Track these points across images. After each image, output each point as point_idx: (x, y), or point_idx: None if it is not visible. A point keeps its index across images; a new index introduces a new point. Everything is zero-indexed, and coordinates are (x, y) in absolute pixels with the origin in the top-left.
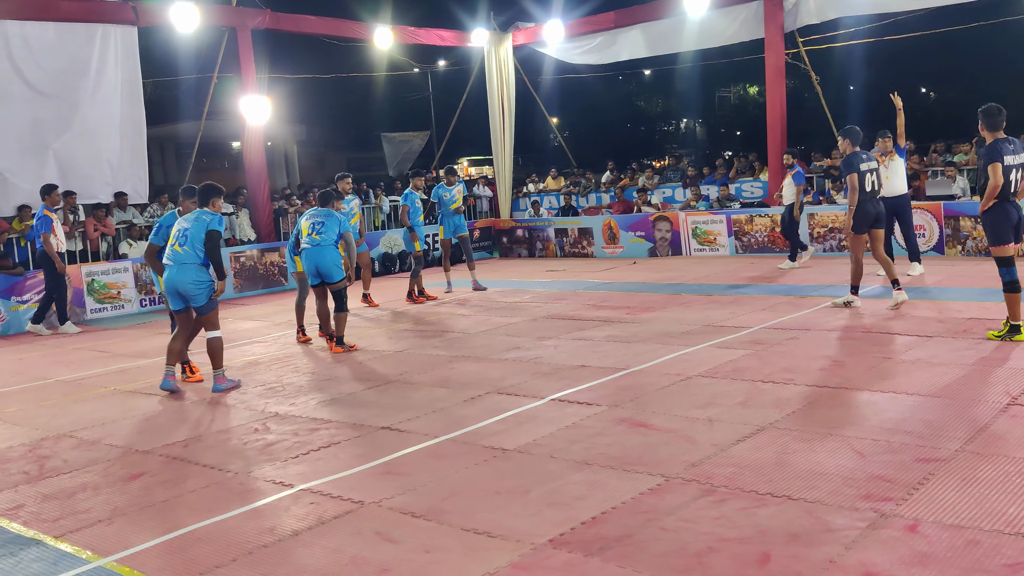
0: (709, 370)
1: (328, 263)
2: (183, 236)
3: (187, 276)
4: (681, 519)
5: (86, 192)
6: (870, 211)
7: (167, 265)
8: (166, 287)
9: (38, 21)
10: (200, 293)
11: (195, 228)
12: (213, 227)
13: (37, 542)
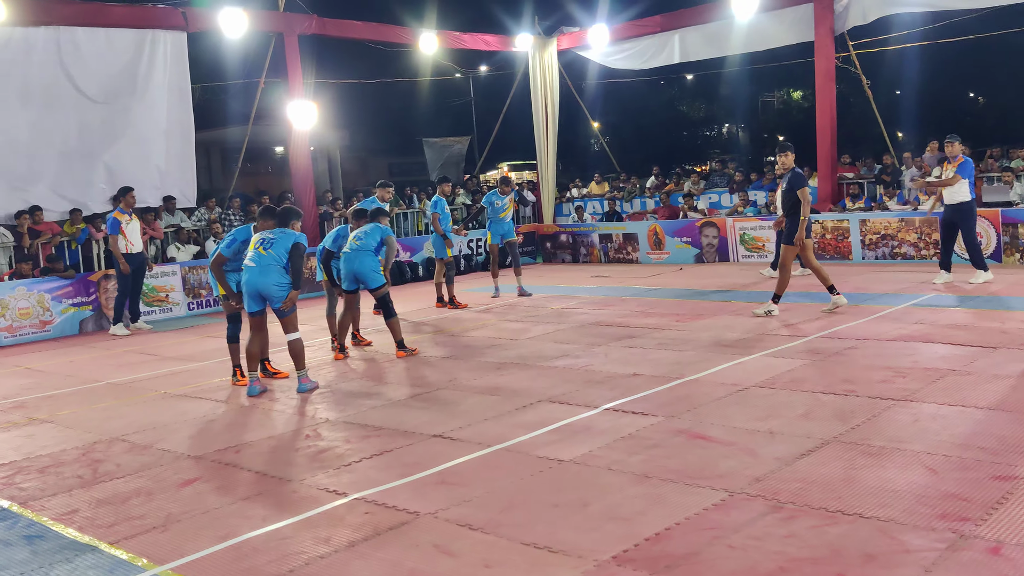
0: (766, 380)
1: (367, 268)
2: (268, 242)
3: (270, 279)
4: (749, 537)
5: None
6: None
7: (248, 267)
8: (246, 289)
9: (89, 27)
10: (282, 295)
11: (281, 238)
12: (300, 240)
13: (92, 548)
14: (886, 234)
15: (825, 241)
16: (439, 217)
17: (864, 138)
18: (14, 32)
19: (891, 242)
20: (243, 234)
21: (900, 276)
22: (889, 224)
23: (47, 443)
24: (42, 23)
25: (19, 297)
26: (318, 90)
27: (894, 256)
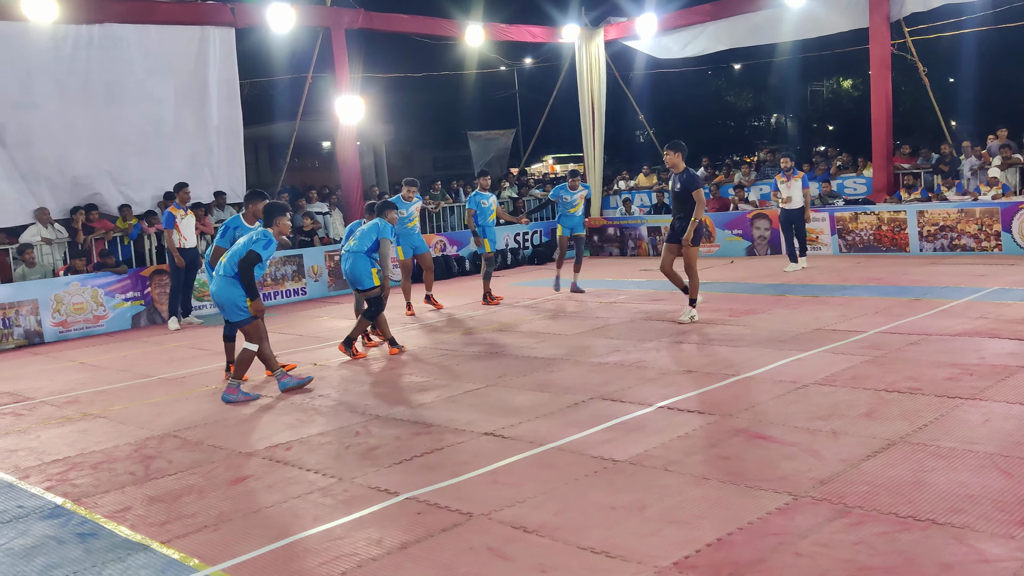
0: (826, 377)
1: (358, 271)
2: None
3: (223, 291)
4: (816, 543)
5: None
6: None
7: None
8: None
9: (140, 24)
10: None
11: (241, 248)
12: (253, 247)
13: (144, 547)
14: (945, 225)
15: (881, 233)
16: (474, 213)
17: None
18: (68, 30)
19: (950, 234)
20: (234, 222)
21: (960, 269)
22: (948, 215)
23: (100, 439)
24: (95, 21)
25: (73, 292)
26: (364, 84)
27: (953, 248)
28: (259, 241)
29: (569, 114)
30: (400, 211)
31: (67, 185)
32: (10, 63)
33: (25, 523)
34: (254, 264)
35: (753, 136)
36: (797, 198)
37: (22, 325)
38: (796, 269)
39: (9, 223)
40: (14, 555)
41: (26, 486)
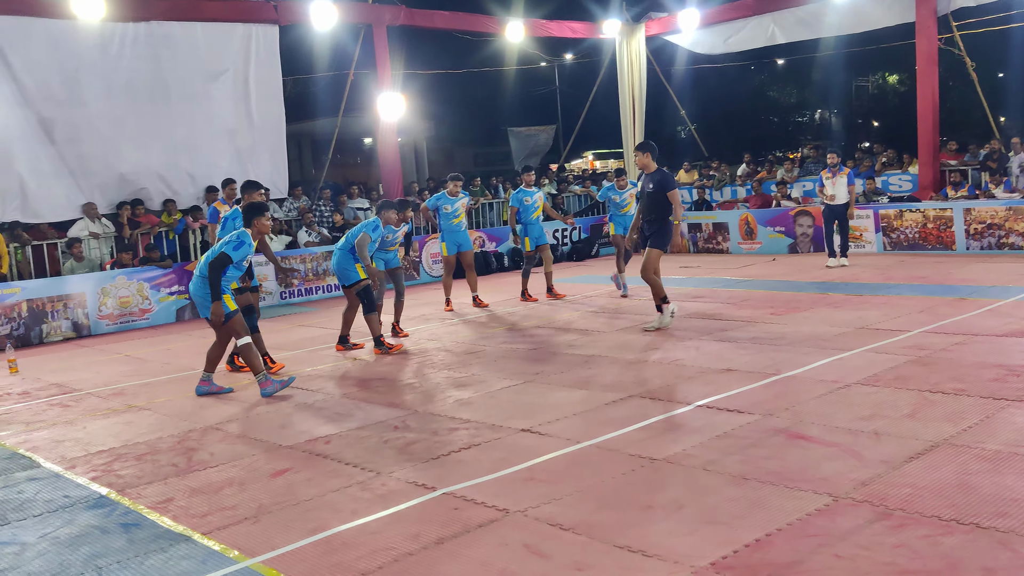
0: (869, 377)
1: (339, 267)
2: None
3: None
4: (857, 546)
5: None
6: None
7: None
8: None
9: (185, 22)
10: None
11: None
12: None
13: (186, 538)
14: (992, 223)
15: (927, 231)
16: (516, 211)
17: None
18: (115, 28)
19: (997, 232)
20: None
21: (1009, 268)
22: (996, 213)
23: (144, 430)
24: (141, 19)
25: (120, 286)
26: (405, 81)
27: (1000, 247)
28: (230, 243)
29: (609, 110)
30: (444, 206)
31: (114, 181)
32: (59, 61)
33: (71, 512)
34: (224, 266)
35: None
36: (842, 194)
37: (70, 318)
38: (836, 265)
39: (58, 218)
40: (60, 544)
41: (72, 476)
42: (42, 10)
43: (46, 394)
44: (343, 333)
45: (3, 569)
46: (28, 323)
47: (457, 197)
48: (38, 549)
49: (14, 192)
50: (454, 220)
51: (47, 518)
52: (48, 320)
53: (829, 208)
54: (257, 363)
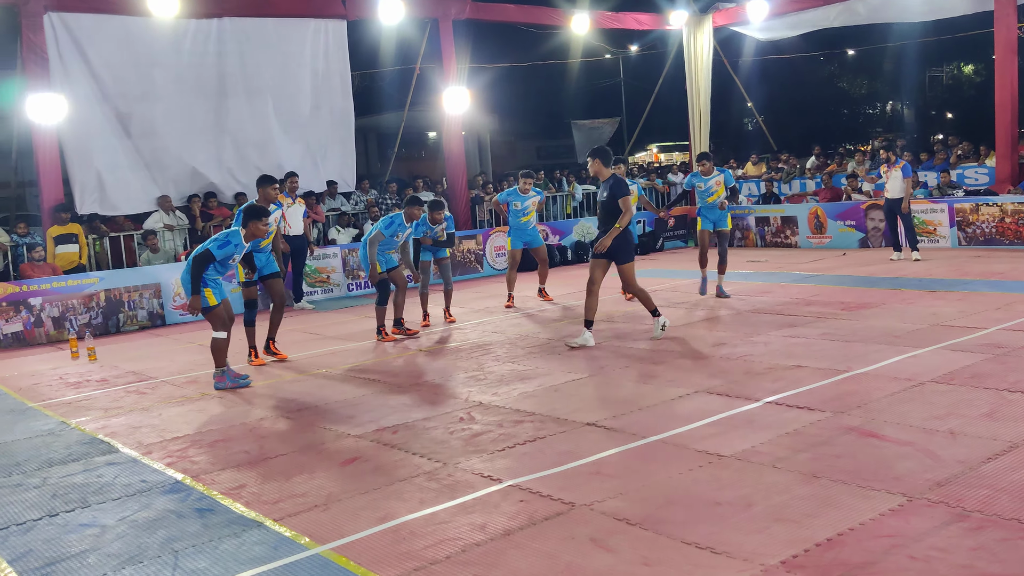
0: (944, 375)
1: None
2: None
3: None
4: (932, 547)
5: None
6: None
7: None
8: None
9: (257, 18)
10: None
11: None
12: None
13: (258, 524)
14: None
15: (1004, 225)
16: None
17: None
18: (188, 24)
19: None
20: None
21: None
22: None
23: (217, 418)
24: (213, 15)
25: None
26: (470, 75)
27: None
28: (216, 240)
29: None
30: (514, 203)
31: (187, 174)
32: (134, 57)
33: (148, 497)
34: (206, 262)
35: (867, 124)
36: (896, 188)
37: (145, 308)
38: (899, 259)
39: (134, 210)
40: (138, 527)
41: (149, 461)
42: (119, 8)
43: (123, 381)
44: (396, 316)
45: (84, 550)
46: (106, 312)
47: (528, 195)
48: (117, 532)
49: (93, 185)
50: (522, 218)
51: (125, 502)
52: (125, 309)
53: (888, 202)
54: (222, 358)
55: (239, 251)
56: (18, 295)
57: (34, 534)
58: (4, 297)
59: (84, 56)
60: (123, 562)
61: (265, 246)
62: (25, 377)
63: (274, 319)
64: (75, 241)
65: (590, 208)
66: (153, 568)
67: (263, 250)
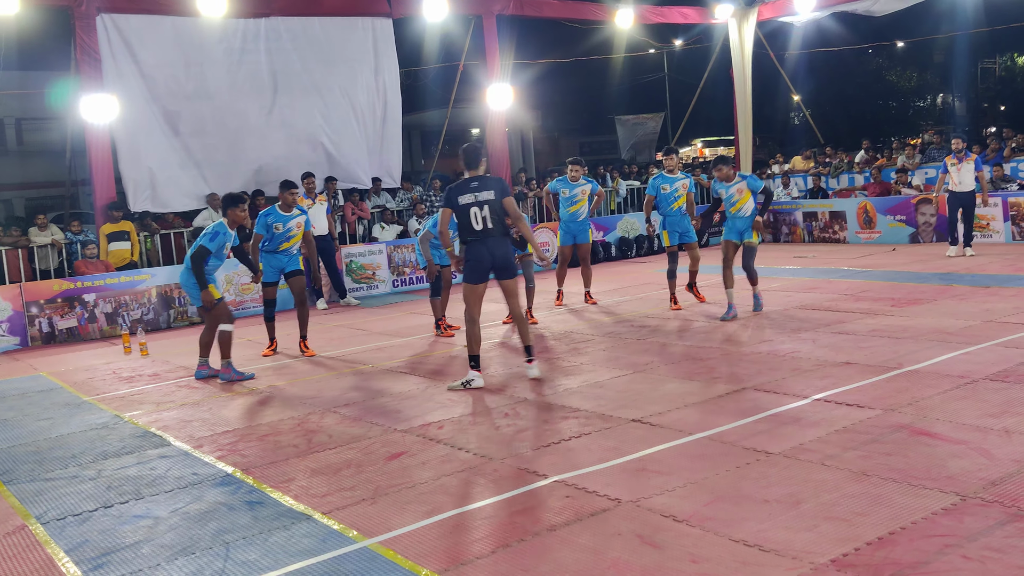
0: (998, 373)
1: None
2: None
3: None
4: (986, 548)
5: (349, 178)
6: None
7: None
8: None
9: (305, 16)
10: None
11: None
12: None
13: (307, 517)
14: None
15: None
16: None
17: None
18: (237, 24)
19: None
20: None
21: None
22: None
23: (266, 412)
24: (262, 15)
25: (242, 273)
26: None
27: None
28: (206, 235)
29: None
30: (563, 190)
31: (237, 172)
32: (184, 56)
33: (199, 489)
34: (203, 257)
35: (917, 117)
36: (968, 181)
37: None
38: (957, 255)
39: (184, 207)
40: (190, 519)
41: (200, 455)
42: (168, 8)
43: (174, 376)
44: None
45: (138, 541)
46: (157, 308)
47: (577, 183)
48: (170, 523)
49: (144, 183)
50: (571, 207)
51: (177, 494)
52: (175, 305)
53: (954, 196)
54: (229, 349)
55: (228, 239)
56: (72, 291)
57: (90, 525)
58: (59, 293)
59: (135, 56)
60: (176, 553)
61: (286, 248)
62: (80, 372)
63: (300, 316)
64: (127, 238)
65: (634, 204)
66: (205, 559)
67: (285, 252)
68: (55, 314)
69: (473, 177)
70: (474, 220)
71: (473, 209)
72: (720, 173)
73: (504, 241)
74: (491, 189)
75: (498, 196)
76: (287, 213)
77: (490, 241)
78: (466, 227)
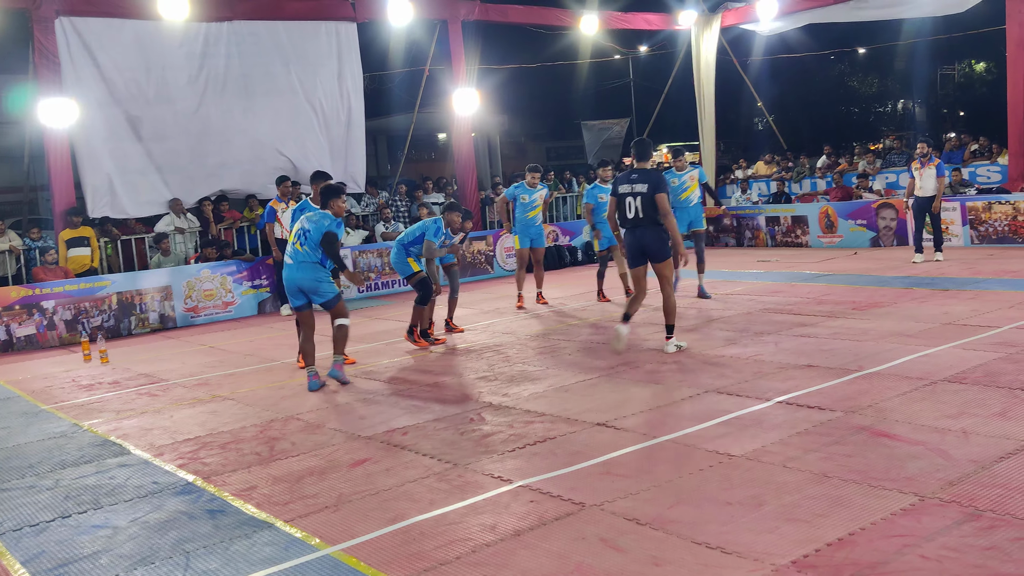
0: (956, 375)
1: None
2: (303, 235)
3: (306, 274)
4: (944, 547)
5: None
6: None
7: (287, 264)
8: (286, 285)
9: (268, 20)
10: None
11: (314, 230)
12: (331, 229)
13: (269, 525)
14: None
15: (1017, 223)
16: (591, 208)
17: None
18: (200, 27)
19: None
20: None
21: None
22: None
23: (228, 420)
24: (224, 18)
25: (204, 279)
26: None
27: None
28: (331, 222)
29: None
30: (522, 196)
31: (198, 176)
32: (145, 60)
33: (159, 498)
34: (335, 241)
35: (878, 123)
36: (929, 186)
37: (156, 310)
38: (923, 261)
39: (145, 213)
40: (149, 528)
41: (160, 463)
42: (129, 12)
43: (135, 384)
44: (423, 327)
45: (97, 551)
46: (118, 315)
47: (535, 189)
48: (129, 533)
49: (104, 189)
50: (529, 214)
51: (137, 503)
52: (136, 312)
53: (917, 200)
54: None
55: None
56: (31, 298)
57: (47, 535)
58: (17, 300)
59: (95, 60)
60: (135, 563)
61: None
62: (38, 380)
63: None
64: (87, 244)
65: None
66: (165, 569)
67: None
68: (13, 321)
69: (635, 169)
70: (628, 209)
71: (628, 199)
72: (679, 163)
73: (654, 230)
74: (646, 183)
75: (650, 191)
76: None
77: (638, 230)
78: (622, 215)
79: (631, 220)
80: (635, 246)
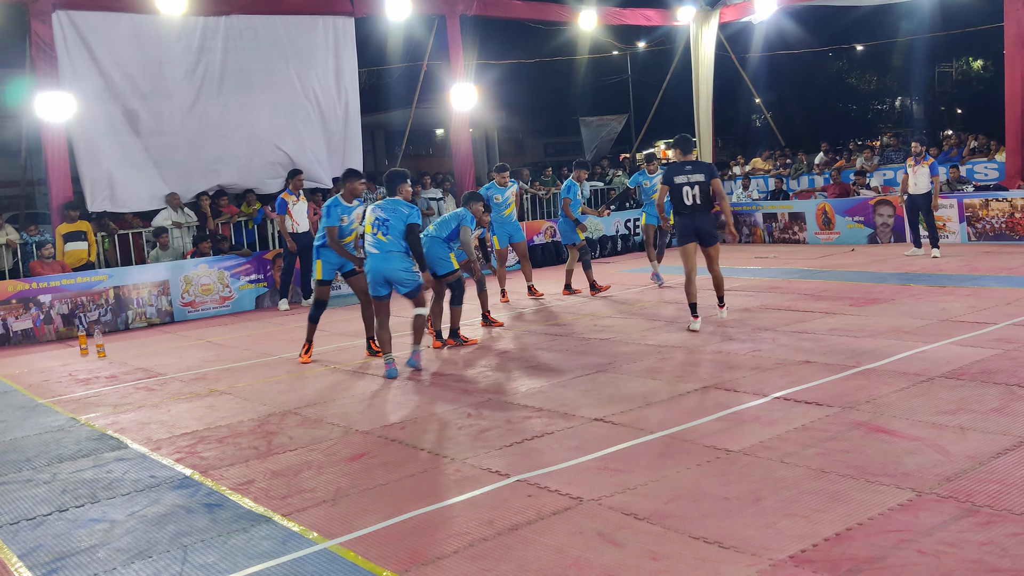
0: (954, 371)
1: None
2: (382, 224)
3: (394, 264)
4: (941, 542)
5: (310, 177)
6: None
7: (371, 254)
8: (370, 276)
9: (265, 15)
10: (409, 278)
11: (394, 219)
12: (412, 220)
13: (267, 519)
14: None
15: (1014, 220)
16: (570, 203)
17: None
18: (197, 22)
19: None
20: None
21: None
22: None
23: (226, 414)
24: (222, 13)
25: (201, 274)
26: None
27: None
28: (411, 210)
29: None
30: (495, 196)
31: (196, 171)
32: (143, 54)
33: (157, 492)
34: (418, 231)
35: (876, 120)
36: (923, 184)
37: (154, 305)
38: (913, 255)
39: (142, 207)
40: (147, 522)
41: (158, 457)
42: (127, 5)
43: (132, 378)
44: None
45: (94, 545)
46: (115, 309)
47: (507, 187)
48: (126, 527)
49: (103, 183)
50: (505, 211)
51: (134, 497)
52: (134, 307)
53: (911, 198)
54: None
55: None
56: (28, 292)
57: (44, 529)
58: (14, 294)
59: (92, 54)
60: (132, 557)
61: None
62: (35, 374)
63: (364, 316)
64: (84, 239)
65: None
66: (162, 563)
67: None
68: (9, 315)
69: (687, 161)
70: (685, 197)
71: (685, 188)
72: (651, 167)
73: (708, 215)
74: (702, 173)
75: (707, 179)
76: (351, 204)
77: (696, 215)
78: (679, 202)
79: (688, 207)
80: (690, 228)
